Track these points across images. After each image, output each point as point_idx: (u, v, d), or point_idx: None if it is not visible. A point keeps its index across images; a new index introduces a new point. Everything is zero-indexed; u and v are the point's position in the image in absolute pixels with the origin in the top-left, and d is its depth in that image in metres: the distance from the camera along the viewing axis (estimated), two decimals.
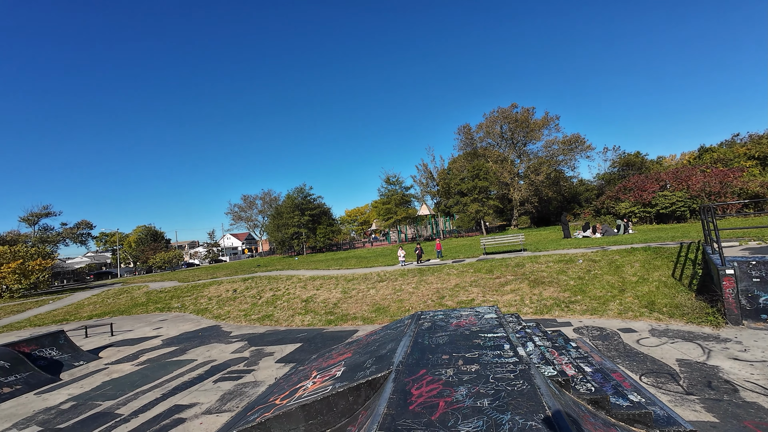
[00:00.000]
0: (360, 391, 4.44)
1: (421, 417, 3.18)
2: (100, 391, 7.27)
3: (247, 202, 66.93)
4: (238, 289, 17.76)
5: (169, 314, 16.34)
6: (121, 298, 21.36)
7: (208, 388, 6.76)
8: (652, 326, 7.74)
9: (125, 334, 12.78)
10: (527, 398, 3.24)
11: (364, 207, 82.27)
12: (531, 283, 11.53)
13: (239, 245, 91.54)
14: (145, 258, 56.48)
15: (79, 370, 8.98)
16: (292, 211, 43.98)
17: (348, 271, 18.23)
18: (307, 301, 13.86)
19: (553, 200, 48.77)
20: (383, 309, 11.70)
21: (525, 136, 47.42)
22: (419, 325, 6.24)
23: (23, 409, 6.67)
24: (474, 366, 4.14)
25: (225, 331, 11.85)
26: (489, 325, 5.69)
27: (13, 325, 17.76)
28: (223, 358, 8.70)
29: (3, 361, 8.17)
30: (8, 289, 26.47)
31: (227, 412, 5.65)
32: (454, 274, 13.88)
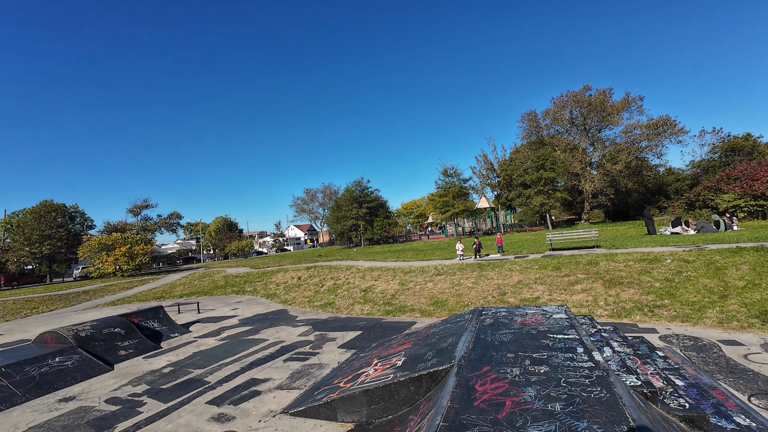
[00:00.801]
0: (421, 382, 4.48)
1: (486, 414, 3.11)
2: (192, 360, 8.34)
3: (309, 195, 70.78)
4: (302, 277, 18.97)
5: (243, 297, 18.07)
6: (205, 281, 24.14)
7: (279, 366, 7.37)
8: (766, 340, 6.55)
9: (209, 313, 14.46)
10: (606, 407, 2.98)
11: (420, 200, 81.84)
12: (606, 283, 10.50)
13: (302, 236, 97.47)
14: (222, 245, 63.01)
15: (174, 340, 10.40)
16: (351, 203, 45.44)
17: (405, 263, 18.37)
18: (365, 291, 14.30)
19: (633, 192, 43.54)
20: (441, 303, 11.60)
21: (600, 121, 42.83)
22: (480, 321, 6.07)
23: (135, 370, 7.94)
24: (542, 367, 3.91)
25: (291, 315, 12.77)
26: (558, 326, 5.33)
27: (125, 299, 21.15)
28: (290, 339, 9.39)
29: (120, 328, 9.80)
30: (120, 269, 31.54)
31: (296, 389, 6.11)
32: (516, 270, 13.21)
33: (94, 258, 32.15)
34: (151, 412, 5.66)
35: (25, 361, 7.48)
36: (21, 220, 38.57)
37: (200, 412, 5.52)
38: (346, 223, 45.14)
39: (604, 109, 41.37)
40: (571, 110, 44.22)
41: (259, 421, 5.09)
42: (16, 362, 7.39)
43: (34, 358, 7.68)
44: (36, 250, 36.30)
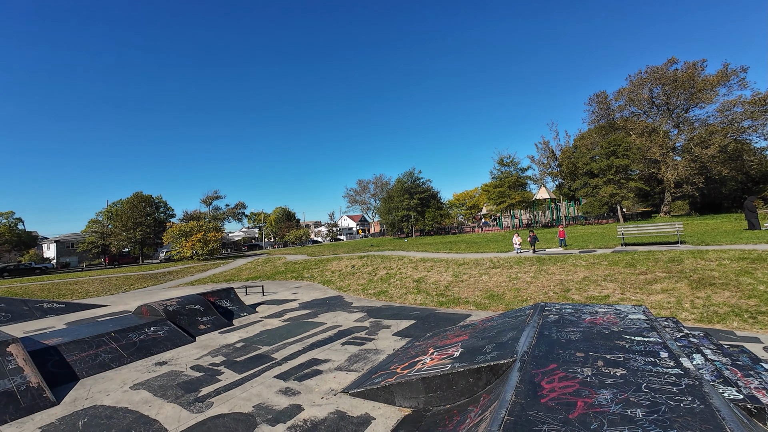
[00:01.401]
0: (481, 374, 4.40)
1: (555, 413, 2.96)
2: (260, 337, 9.11)
3: (361, 186, 72.31)
4: (355, 265, 19.56)
5: (302, 282, 19.18)
6: (267, 266, 26.05)
7: (338, 349, 7.73)
8: None
9: (272, 295, 15.61)
10: (701, 420, 2.66)
11: (473, 190, 79.24)
12: (693, 284, 9.28)
13: (354, 226, 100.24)
14: (281, 234, 67.38)
15: (244, 319, 11.43)
16: (402, 194, 45.52)
17: (458, 255, 18.01)
18: (418, 282, 14.33)
19: (729, 180, 37.59)
20: (497, 296, 11.20)
21: (687, 100, 37.34)
22: (543, 317, 5.76)
23: (212, 343, 8.90)
24: (618, 370, 3.61)
25: (347, 301, 13.27)
26: (636, 327, 4.86)
27: (200, 280, 23.68)
28: (347, 325, 9.79)
29: (199, 305, 11.02)
30: (196, 253, 35.36)
31: (354, 371, 6.37)
32: (582, 265, 12.24)
33: (175, 243, 36.41)
34: (228, 381, 6.31)
35: (128, 329, 8.78)
36: (119, 210, 44.88)
37: (269, 385, 6.02)
38: (398, 214, 45.39)
39: (694, 85, 35.92)
40: (651, 88, 39.11)
41: (321, 398, 5.41)
42: (122, 329, 8.70)
43: (135, 326, 8.97)
44: (131, 235, 42.09)
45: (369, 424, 4.58)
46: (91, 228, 48.92)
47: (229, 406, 5.31)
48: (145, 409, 5.38)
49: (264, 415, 4.98)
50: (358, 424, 4.59)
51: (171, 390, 6.06)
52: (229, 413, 5.10)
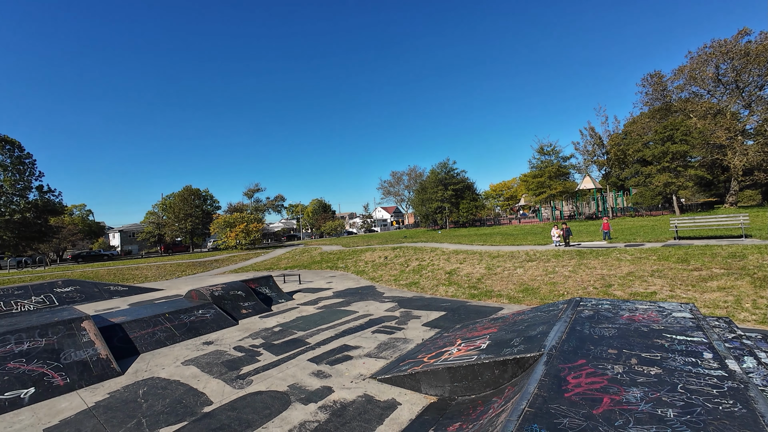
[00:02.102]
0: (506, 366, 4.38)
1: (578, 407, 2.92)
2: (295, 323, 9.61)
3: (395, 178, 72.35)
4: (388, 256, 19.80)
5: (336, 272, 19.78)
6: (304, 256, 27.11)
7: (368, 337, 7.99)
8: None
9: (308, 284, 16.29)
10: (740, 424, 2.51)
11: (511, 181, 76.29)
12: (756, 282, 8.42)
13: (388, 218, 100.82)
14: (318, 225, 69.44)
15: (282, 305, 12.08)
16: (436, 186, 44.97)
17: (492, 247, 17.61)
18: (450, 274, 14.25)
19: None
20: (532, 290, 10.88)
21: (762, 75, 33.06)
22: (577, 312, 5.56)
23: (253, 326, 9.54)
24: (653, 369, 3.46)
25: (379, 291, 13.54)
26: (679, 326, 4.57)
27: (243, 268, 25.18)
28: (378, 314, 10.03)
29: (241, 291, 11.80)
30: (240, 243, 37.58)
31: (383, 359, 6.57)
32: (627, 259, 11.50)
33: (221, 233, 38.90)
34: (266, 362, 6.78)
35: (180, 311, 9.65)
36: (172, 202, 48.63)
37: (303, 367, 6.39)
38: (431, 206, 44.97)
39: None
40: (718, 65, 35.05)
41: (351, 382, 5.67)
42: (175, 311, 9.58)
43: (185, 309, 9.84)
44: (182, 225, 45.52)
45: (395, 409, 4.75)
46: (149, 219, 53.63)
47: (266, 384, 5.73)
48: (194, 383, 5.95)
49: (297, 395, 5.32)
50: (385, 408, 4.78)
51: (216, 367, 6.63)
52: (267, 391, 5.51)
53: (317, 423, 4.52)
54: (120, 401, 5.47)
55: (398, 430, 4.26)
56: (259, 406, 5.03)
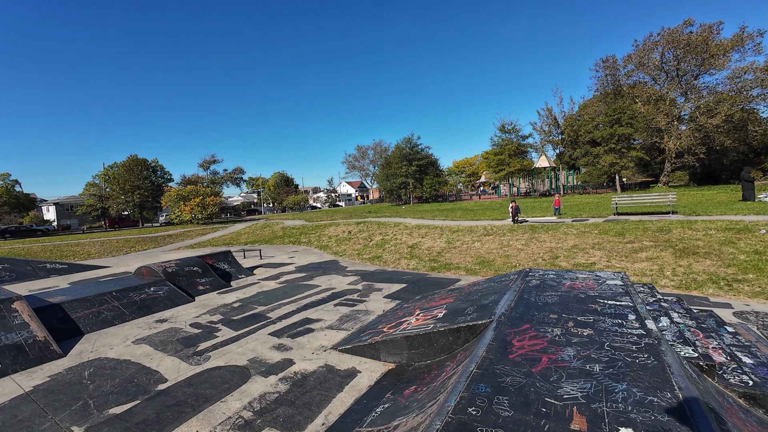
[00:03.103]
0: (460, 333, 4.66)
1: (520, 367, 3.20)
2: (256, 298, 9.47)
3: (361, 152, 71.43)
4: (352, 231, 19.83)
5: (299, 247, 19.54)
6: (265, 231, 26.37)
7: (330, 310, 8.09)
8: None
9: (269, 259, 15.98)
10: (651, 373, 2.90)
11: (473, 158, 78.27)
12: (677, 252, 9.53)
13: (353, 192, 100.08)
14: (280, 199, 67.44)
15: (241, 281, 11.80)
16: (401, 161, 45.08)
17: (453, 222, 18.22)
18: (412, 247, 14.63)
19: (731, 151, 37.12)
20: (487, 262, 11.52)
21: (698, 66, 35.95)
22: (526, 282, 5.99)
23: (211, 302, 9.27)
24: (586, 330, 3.85)
25: (342, 265, 13.63)
26: (611, 292, 5.09)
27: (200, 243, 24.07)
28: (340, 287, 10.15)
29: (198, 267, 11.32)
30: (195, 217, 35.64)
31: (345, 330, 6.73)
32: (572, 233, 12.46)
33: (174, 207, 36.55)
34: (225, 337, 6.67)
35: (129, 288, 9.10)
36: (116, 173, 44.54)
37: (264, 341, 6.38)
38: (396, 181, 45.23)
39: (707, 50, 34.44)
40: (663, 53, 37.49)
41: (312, 353, 5.77)
42: (123, 288, 9.01)
43: (135, 286, 9.29)
44: (129, 198, 42.11)
45: (355, 377, 4.94)
46: (89, 191, 48.85)
47: (225, 360, 5.66)
48: (146, 362, 5.74)
49: (257, 368, 5.33)
50: (345, 377, 4.94)
51: (171, 345, 6.42)
52: (226, 366, 5.45)
53: (277, 394, 4.59)
54: (63, 384, 5.15)
55: (357, 395, 4.45)
56: (218, 381, 4.99)
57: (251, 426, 3.96)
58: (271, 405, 4.35)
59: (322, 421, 3.99)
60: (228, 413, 4.21)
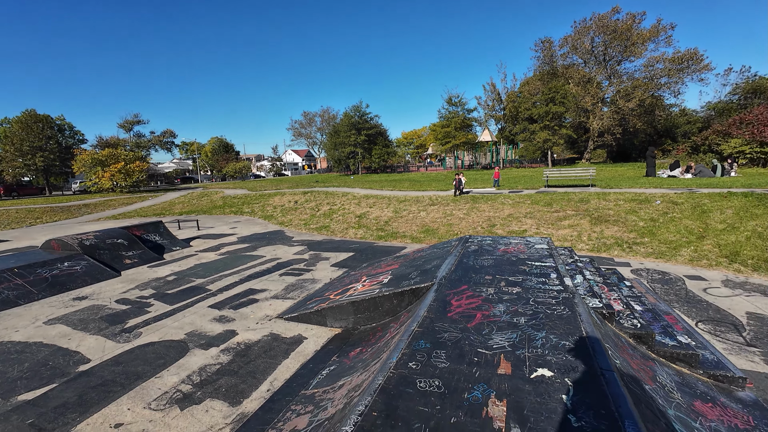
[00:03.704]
0: (404, 297, 4.87)
1: (457, 323, 3.46)
2: (194, 271, 8.90)
3: (307, 119, 68.14)
4: (298, 200, 19.24)
5: (242, 217, 18.55)
6: (203, 200, 24.48)
7: (275, 280, 7.92)
8: (728, 277, 7.05)
9: (208, 230, 14.98)
10: (565, 322, 3.32)
11: (421, 129, 79.21)
12: (593, 220, 10.82)
13: (299, 161, 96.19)
14: (219, 167, 62.45)
15: (176, 253, 10.95)
16: (349, 129, 43.95)
17: (400, 192, 18.54)
18: (360, 217, 14.69)
19: (641, 132, 42.13)
20: (432, 230, 12.03)
21: (622, 52, 39.40)
22: (466, 248, 6.38)
23: (141, 277, 8.51)
24: (516, 288, 4.24)
25: (288, 235, 13.28)
26: (538, 254, 5.63)
27: (125, 213, 21.65)
28: (286, 257, 9.93)
29: (122, 239, 10.22)
30: (118, 185, 31.66)
31: (291, 299, 6.66)
32: (508, 204, 13.45)
33: (89, 173, 31.97)
34: (158, 312, 6.22)
35: (36, 264, 7.94)
36: (8, 130, 37.31)
37: (203, 314, 6.08)
38: (344, 150, 44.27)
39: (629, 38, 37.75)
40: (593, 37, 40.31)
41: (256, 323, 5.65)
42: (28, 264, 7.85)
43: (44, 261, 8.14)
44: (29, 161, 35.85)
45: (301, 343, 4.97)
46: None
47: (159, 335, 5.32)
48: (63, 342, 5.17)
49: (197, 341, 5.10)
50: (291, 344, 4.95)
51: (93, 323, 5.83)
52: (160, 341, 5.13)
53: (219, 365, 4.46)
54: None
55: (303, 360, 4.51)
56: (151, 357, 4.69)
57: (191, 398, 3.83)
58: (213, 376, 4.23)
59: (267, 388, 3.99)
60: (164, 388, 4.02)
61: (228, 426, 3.42)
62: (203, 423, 3.47)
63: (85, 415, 3.58)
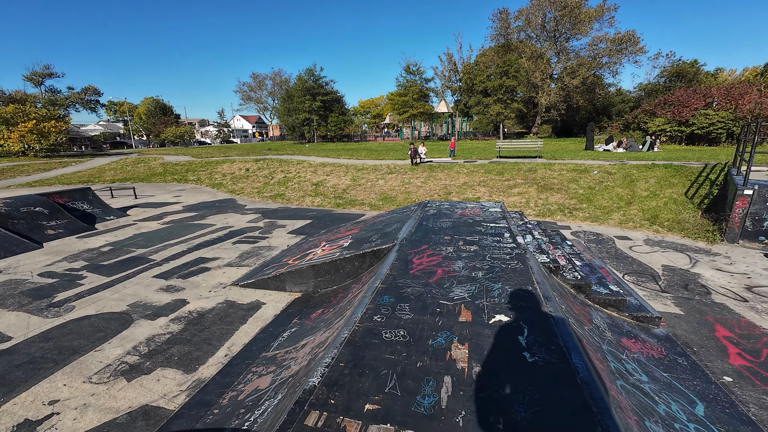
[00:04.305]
0: (365, 258, 4.87)
1: (419, 279, 3.53)
2: (133, 240, 8.12)
3: (257, 82, 63.10)
4: (250, 168, 18.14)
5: (186, 185, 17.13)
6: (139, 167, 22.12)
7: (228, 248, 7.51)
8: (648, 237, 8.02)
9: (148, 198, 13.66)
10: (519, 274, 3.53)
11: (379, 98, 77.46)
12: (539, 188, 11.56)
13: (249, 128, 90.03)
14: (157, 131, 56.43)
15: (111, 223, 9.89)
16: (304, 94, 41.61)
17: (358, 161, 18.23)
18: (317, 185, 14.28)
19: (582, 109, 45.07)
20: (390, 198, 12.08)
21: (570, 29, 40.95)
22: (425, 211, 6.48)
23: (69, 248, 7.59)
24: (473, 247, 4.41)
25: (240, 204, 12.56)
26: (492, 217, 5.89)
27: (43, 180, 18.93)
28: (239, 225, 9.42)
29: (41, 207, 8.95)
30: (30, 147, 27.35)
31: (246, 266, 6.38)
32: (464, 173, 13.85)
33: None
34: (93, 284, 5.63)
35: None
36: None
37: (147, 284, 5.62)
38: (298, 117, 42.06)
39: (578, 15, 39.23)
40: (546, 12, 41.28)
41: (209, 292, 5.36)
42: None
43: None
44: None
45: (259, 308, 4.82)
46: None
47: (96, 308, 4.84)
48: None
49: (142, 312, 4.73)
50: (248, 310, 4.79)
51: (12, 299, 5.13)
52: (98, 314, 4.68)
53: (170, 334, 4.20)
54: None
55: (262, 325, 4.39)
56: (88, 330, 4.28)
57: (139, 369, 3.58)
58: (163, 346, 3.98)
59: (224, 353, 3.85)
60: (107, 361, 3.70)
61: (183, 393, 3.27)
62: (155, 392, 3.28)
63: (10, 395, 3.20)
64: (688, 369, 3.38)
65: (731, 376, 3.41)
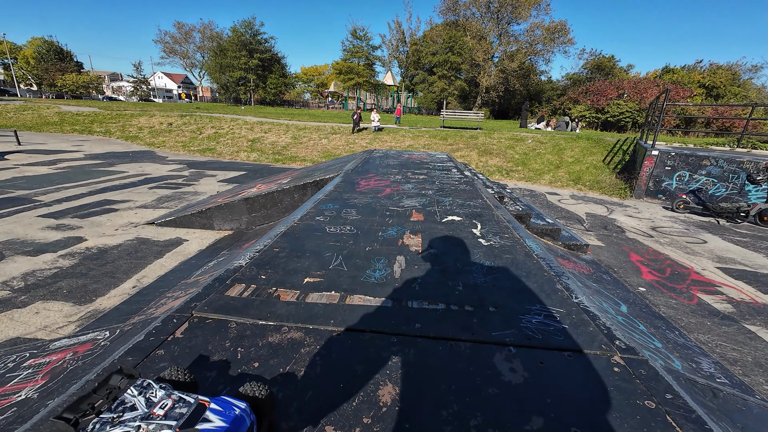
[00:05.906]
0: (306, 189, 4.45)
1: (367, 194, 3.25)
2: (12, 183, 6.58)
3: (182, 33, 55.27)
4: (174, 123, 15.98)
5: (91, 137, 14.57)
6: (26, 114, 18.23)
7: (143, 192, 6.46)
8: (574, 193, 8.75)
9: (36, 146, 11.28)
10: (468, 193, 3.44)
11: (323, 66, 73.62)
12: (480, 153, 11.95)
13: (174, 88, 79.85)
14: (51, 80, 47.04)
15: None
16: (239, 49, 37.64)
17: (300, 122, 17.12)
18: (253, 141, 13.08)
19: (518, 94, 47.85)
20: (334, 156, 11.53)
21: (512, 13, 42.55)
22: (371, 155, 6.19)
23: None
24: (422, 176, 4.25)
25: (160, 156, 10.99)
26: (440, 160, 5.82)
27: None
28: (159, 173, 8.20)
29: None
30: None
31: (164, 209, 5.52)
32: (409, 137, 13.76)
33: None
34: None
35: None
36: None
37: (28, 223, 4.54)
38: (233, 74, 38.12)
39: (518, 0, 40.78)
40: None
41: (115, 230, 4.50)
42: None
43: None
44: None
45: (181, 244, 4.17)
46: None
47: None
48: None
49: (19, 249, 3.79)
50: (166, 245, 4.11)
51: None
52: None
53: (57, 269, 3.41)
54: None
55: (184, 258, 3.79)
56: None
57: (8, 303, 2.82)
58: (47, 280, 3.21)
59: (132, 285, 3.22)
60: None
61: (73, 323, 2.64)
62: (31, 324, 2.60)
63: None
64: (612, 283, 3.65)
65: (644, 287, 3.80)
